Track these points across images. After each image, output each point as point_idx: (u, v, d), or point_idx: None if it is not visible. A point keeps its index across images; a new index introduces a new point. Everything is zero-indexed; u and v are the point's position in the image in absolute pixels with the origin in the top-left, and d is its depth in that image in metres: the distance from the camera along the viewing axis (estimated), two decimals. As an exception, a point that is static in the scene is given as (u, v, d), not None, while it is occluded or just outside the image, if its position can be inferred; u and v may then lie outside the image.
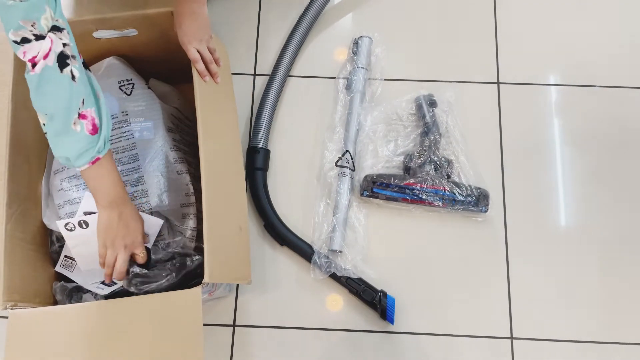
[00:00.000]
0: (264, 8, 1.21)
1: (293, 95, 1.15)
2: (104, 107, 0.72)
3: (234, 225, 0.90)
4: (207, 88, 0.89)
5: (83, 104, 0.69)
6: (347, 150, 1.06)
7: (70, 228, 0.82)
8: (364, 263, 1.02)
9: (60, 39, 0.67)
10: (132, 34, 0.91)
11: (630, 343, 0.98)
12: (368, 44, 1.15)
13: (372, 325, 1.00)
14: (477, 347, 0.99)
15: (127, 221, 0.77)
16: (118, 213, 0.76)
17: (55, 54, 0.65)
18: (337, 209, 1.03)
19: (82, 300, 0.85)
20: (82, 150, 0.70)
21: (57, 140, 0.70)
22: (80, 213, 0.83)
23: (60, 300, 0.86)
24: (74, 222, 0.82)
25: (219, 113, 0.92)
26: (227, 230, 0.87)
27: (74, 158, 0.70)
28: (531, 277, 1.02)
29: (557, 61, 1.17)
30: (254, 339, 1.00)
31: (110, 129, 0.74)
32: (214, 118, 0.88)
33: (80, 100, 0.69)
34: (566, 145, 1.11)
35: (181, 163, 0.90)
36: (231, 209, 0.90)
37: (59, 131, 0.69)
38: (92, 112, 0.70)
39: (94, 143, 0.70)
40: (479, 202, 1.02)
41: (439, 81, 1.14)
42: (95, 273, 0.86)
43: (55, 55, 0.65)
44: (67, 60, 0.67)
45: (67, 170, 0.87)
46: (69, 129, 0.68)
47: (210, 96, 0.89)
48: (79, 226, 0.82)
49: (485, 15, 1.20)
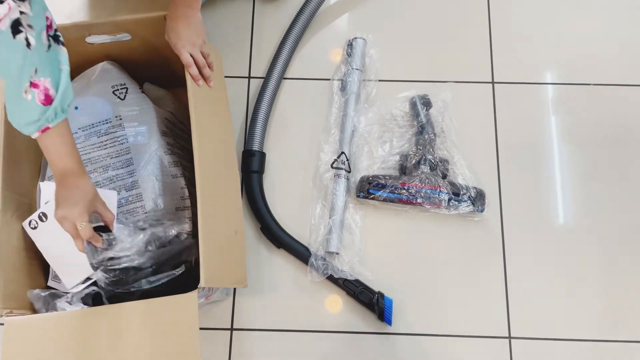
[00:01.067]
0: (258, 10, 1.21)
1: (288, 98, 1.15)
2: (64, 80, 0.72)
3: (229, 229, 0.89)
4: (200, 92, 0.89)
5: (36, 72, 0.68)
6: (343, 152, 1.06)
7: (33, 226, 0.82)
8: (361, 264, 1.02)
9: (19, 7, 0.66)
10: (125, 38, 0.91)
11: (629, 341, 0.98)
12: (362, 45, 1.15)
13: (369, 327, 1.00)
14: (475, 347, 0.98)
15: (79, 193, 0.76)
16: (70, 185, 0.75)
17: (10, 20, 0.65)
18: (334, 211, 1.03)
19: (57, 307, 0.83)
20: (31, 119, 0.70)
21: (9, 107, 0.71)
22: (41, 205, 0.82)
23: (38, 309, 0.83)
24: (35, 218, 0.81)
25: (212, 117, 0.92)
26: (222, 234, 0.86)
27: (22, 125, 0.71)
28: (528, 276, 1.02)
29: (552, 60, 1.17)
30: (252, 343, 0.99)
31: (70, 101, 0.73)
32: (207, 121, 0.88)
33: (33, 69, 0.68)
34: (562, 143, 1.11)
35: (176, 167, 0.90)
36: (227, 212, 0.90)
37: (10, 97, 0.69)
38: (47, 83, 0.70)
39: (45, 113, 0.70)
40: (476, 202, 1.02)
41: (433, 81, 1.15)
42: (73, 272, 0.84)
43: (10, 20, 0.65)
44: (21, 28, 0.66)
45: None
46: (20, 96, 0.68)
47: (204, 100, 0.89)
48: (39, 220, 0.81)
49: (479, 15, 1.20)
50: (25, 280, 0.84)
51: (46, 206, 0.82)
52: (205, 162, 0.83)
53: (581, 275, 1.02)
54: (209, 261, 0.76)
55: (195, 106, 0.85)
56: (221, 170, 0.91)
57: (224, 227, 0.87)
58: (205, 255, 0.76)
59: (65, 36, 0.73)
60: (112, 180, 0.85)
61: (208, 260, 0.76)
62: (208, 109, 0.90)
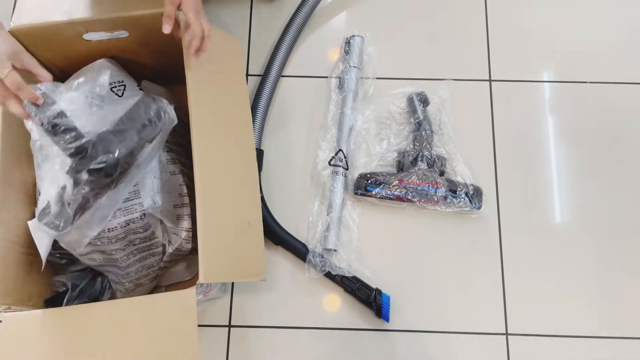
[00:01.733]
0: (256, 8, 1.21)
1: (286, 95, 1.15)
2: None
3: (239, 221, 0.88)
4: (202, 87, 0.87)
5: None
6: (340, 149, 1.07)
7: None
8: (359, 261, 1.02)
9: None
10: (123, 35, 0.91)
11: (625, 337, 0.99)
12: (360, 43, 1.15)
13: (367, 324, 1.00)
14: (473, 344, 0.99)
15: None
16: None
17: None
18: (331, 208, 1.03)
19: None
20: None
21: None
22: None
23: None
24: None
25: (219, 111, 0.91)
26: (229, 227, 0.85)
27: None
28: (525, 272, 1.03)
29: (549, 58, 1.18)
30: (250, 340, 0.99)
31: None
32: (211, 116, 0.87)
33: None
34: (559, 140, 1.12)
35: (174, 164, 0.90)
36: (235, 205, 0.88)
37: None
38: None
39: None
40: (473, 199, 1.02)
41: (431, 79, 1.15)
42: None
43: None
44: None
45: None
46: None
47: (206, 94, 0.87)
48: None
49: (476, 12, 1.21)
50: (23, 276, 0.84)
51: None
52: (205, 155, 0.82)
53: (578, 272, 1.03)
54: (208, 256, 0.76)
55: (194, 98, 0.83)
56: (229, 164, 0.89)
57: (232, 220, 0.86)
58: (203, 250, 0.75)
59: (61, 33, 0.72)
60: (110, 177, 0.85)
61: (207, 255, 0.75)
62: (211, 103, 0.88)
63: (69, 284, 0.90)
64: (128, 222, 0.84)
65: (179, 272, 1.01)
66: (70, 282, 0.90)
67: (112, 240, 0.84)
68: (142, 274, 0.92)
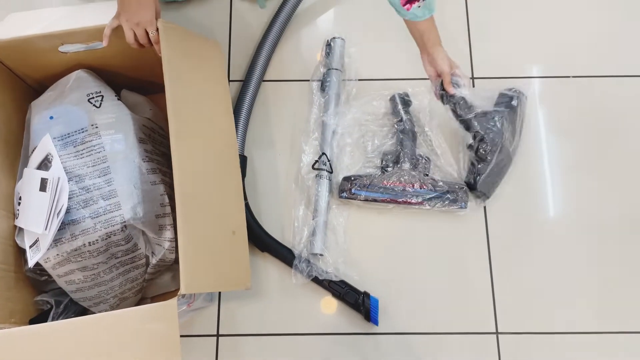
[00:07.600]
0: (235, 13, 1.21)
1: (268, 100, 1.14)
2: None
3: (223, 230, 0.87)
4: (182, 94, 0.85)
5: None
6: (324, 153, 1.06)
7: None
8: (346, 265, 1.02)
9: None
10: (99, 46, 0.91)
11: (616, 332, 0.98)
12: (341, 45, 1.14)
13: (356, 328, 0.99)
14: (463, 344, 0.98)
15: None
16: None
17: None
18: (317, 212, 1.03)
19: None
20: None
21: None
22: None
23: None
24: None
25: (200, 117, 0.90)
26: (212, 236, 0.84)
27: None
28: (514, 270, 1.02)
29: (531, 54, 1.17)
30: (239, 348, 0.99)
31: None
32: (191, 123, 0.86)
33: None
34: (545, 136, 1.11)
35: (154, 174, 0.89)
36: (219, 213, 0.87)
37: None
38: None
39: None
40: (458, 198, 1.02)
41: (413, 79, 1.14)
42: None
43: None
44: None
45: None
46: None
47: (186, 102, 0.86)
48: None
49: (457, 10, 1.20)
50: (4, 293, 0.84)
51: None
52: (186, 165, 0.81)
53: (567, 268, 1.02)
54: (191, 266, 0.75)
55: (174, 110, 0.82)
56: (210, 171, 0.88)
57: (216, 229, 0.85)
58: (185, 260, 0.74)
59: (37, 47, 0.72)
60: (89, 189, 0.83)
61: (190, 265, 0.74)
62: (192, 111, 0.87)
63: (52, 301, 0.89)
64: (109, 235, 0.82)
65: (165, 282, 1.00)
66: (53, 299, 0.89)
67: (93, 254, 0.83)
68: (126, 288, 0.91)
